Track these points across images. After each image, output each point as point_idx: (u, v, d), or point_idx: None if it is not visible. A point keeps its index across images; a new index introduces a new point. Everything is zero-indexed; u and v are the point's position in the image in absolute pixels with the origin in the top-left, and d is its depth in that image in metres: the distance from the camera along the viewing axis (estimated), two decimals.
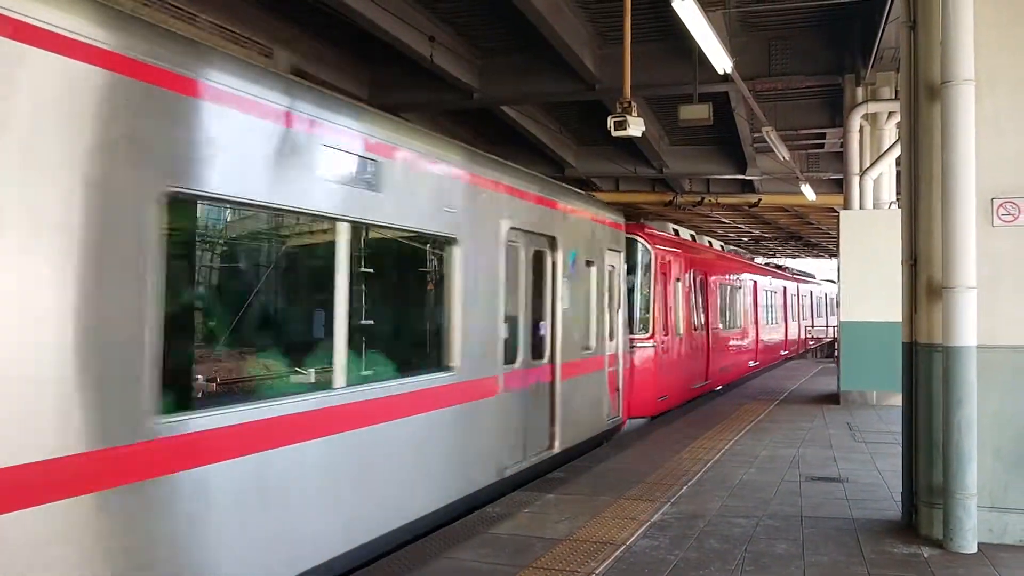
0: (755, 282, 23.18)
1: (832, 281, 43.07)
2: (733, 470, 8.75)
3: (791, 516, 6.88)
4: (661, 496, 7.54)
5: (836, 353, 16.88)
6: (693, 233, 18.24)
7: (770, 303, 25.64)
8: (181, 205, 4.32)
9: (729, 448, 10.10)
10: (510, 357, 7.99)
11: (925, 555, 5.79)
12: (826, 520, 6.76)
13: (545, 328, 8.94)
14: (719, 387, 18.17)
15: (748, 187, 26.98)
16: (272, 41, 13.18)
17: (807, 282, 35.75)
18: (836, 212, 19.97)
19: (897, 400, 8.10)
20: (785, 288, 28.78)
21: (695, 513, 6.93)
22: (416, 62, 13.90)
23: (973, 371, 5.78)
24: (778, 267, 32.02)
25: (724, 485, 8.03)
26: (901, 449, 6.73)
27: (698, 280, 16.45)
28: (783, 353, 28.14)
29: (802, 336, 32.72)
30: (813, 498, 7.53)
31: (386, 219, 6.05)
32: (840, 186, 18.33)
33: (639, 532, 6.35)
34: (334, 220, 5.47)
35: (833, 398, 15.07)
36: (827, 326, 37.04)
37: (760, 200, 27.44)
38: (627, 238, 12.06)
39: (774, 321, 26.45)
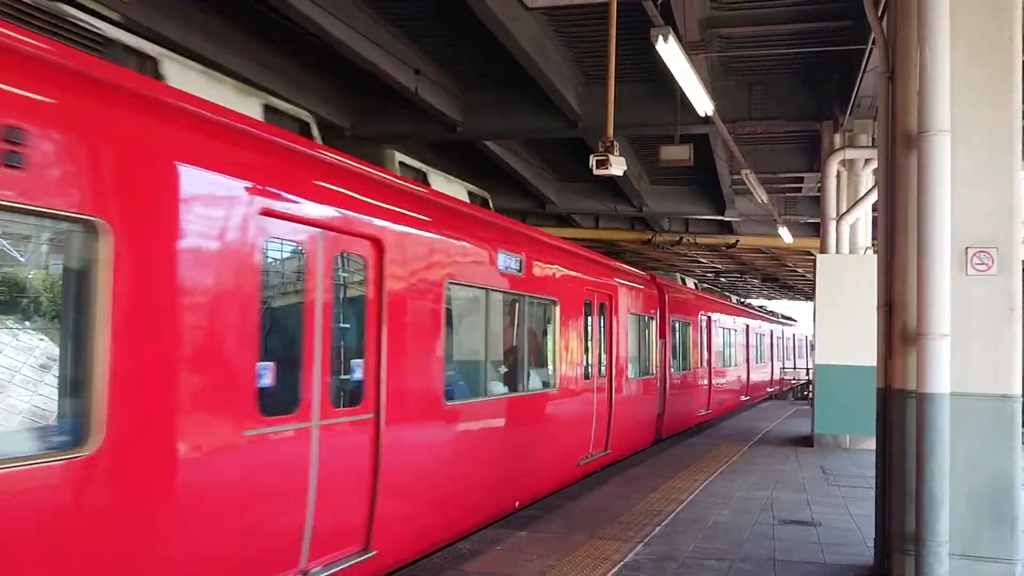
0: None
1: (792, 319, 43.13)
2: (707, 511, 8.71)
3: (764, 559, 6.84)
4: (634, 536, 7.48)
5: (810, 395, 16.82)
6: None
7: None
8: None
9: (703, 489, 10.06)
10: None
11: None
12: (799, 564, 6.72)
13: None
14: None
15: (726, 228, 27.24)
16: (255, 69, 13.17)
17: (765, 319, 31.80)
18: (813, 255, 20.16)
19: (870, 444, 8.12)
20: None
21: (668, 554, 6.87)
22: (400, 93, 13.96)
23: (946, 418, 5.80)
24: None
25: (697, 526, 7.98)
26: (874, 494, 6.73)
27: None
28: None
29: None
30: (786, 541, 7.50)
31: None
32: (817, 230, 18.54)
33: (611, 573, 6.28)
34: None
35: (807, 440, 15.09)
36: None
37: (738, 241, 27.68)
38: None
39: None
